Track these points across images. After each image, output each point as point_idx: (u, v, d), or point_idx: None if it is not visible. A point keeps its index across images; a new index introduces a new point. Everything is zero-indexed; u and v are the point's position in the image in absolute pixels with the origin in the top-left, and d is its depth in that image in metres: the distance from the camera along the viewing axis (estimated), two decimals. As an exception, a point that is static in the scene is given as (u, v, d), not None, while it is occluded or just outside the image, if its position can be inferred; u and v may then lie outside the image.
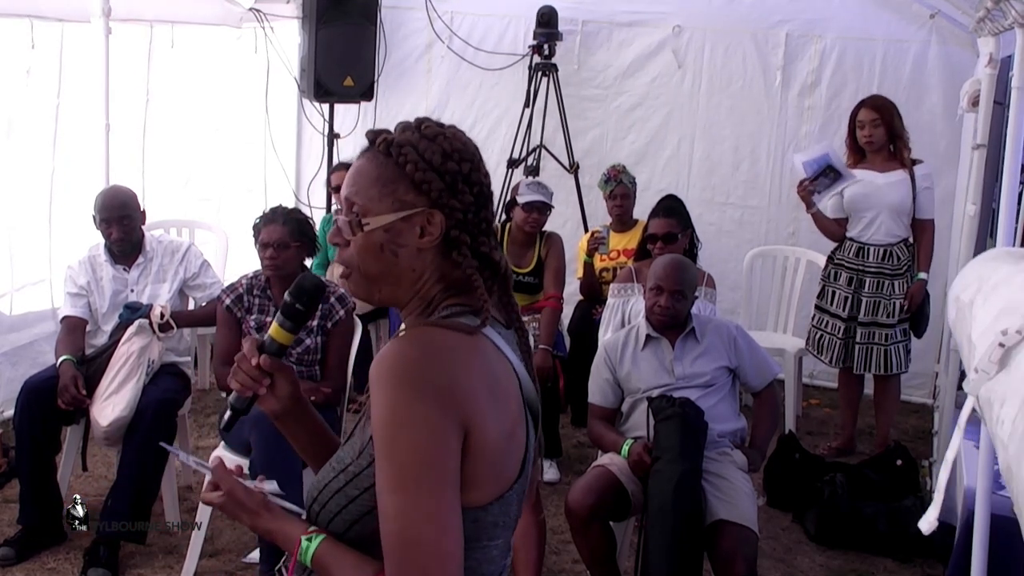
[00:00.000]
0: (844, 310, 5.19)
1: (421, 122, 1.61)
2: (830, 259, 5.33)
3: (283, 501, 1.71)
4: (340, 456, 1.61)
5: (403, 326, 1.63)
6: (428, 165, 1.55)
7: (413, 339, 1.50)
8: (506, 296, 1.67)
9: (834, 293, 5.25)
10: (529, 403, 1.61)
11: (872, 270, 5.12)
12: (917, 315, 5.13)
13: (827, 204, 5.23)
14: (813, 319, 5.41)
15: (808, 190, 5.12)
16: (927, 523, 2.36)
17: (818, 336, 5.35)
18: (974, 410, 1.89)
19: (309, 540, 1.56)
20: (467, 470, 1.46)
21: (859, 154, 5.19)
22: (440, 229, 1.55)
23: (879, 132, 5.08)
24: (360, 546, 1.54)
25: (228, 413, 1.80)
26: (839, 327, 5.22)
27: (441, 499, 1.42)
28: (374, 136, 1.61)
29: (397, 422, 1.42)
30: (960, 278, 2.29)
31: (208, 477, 1.74)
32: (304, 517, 1.65)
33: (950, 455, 2.21)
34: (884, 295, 5.10)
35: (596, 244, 5.53)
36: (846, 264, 5.20)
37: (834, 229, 5.25)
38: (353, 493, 1.54)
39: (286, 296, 1.77)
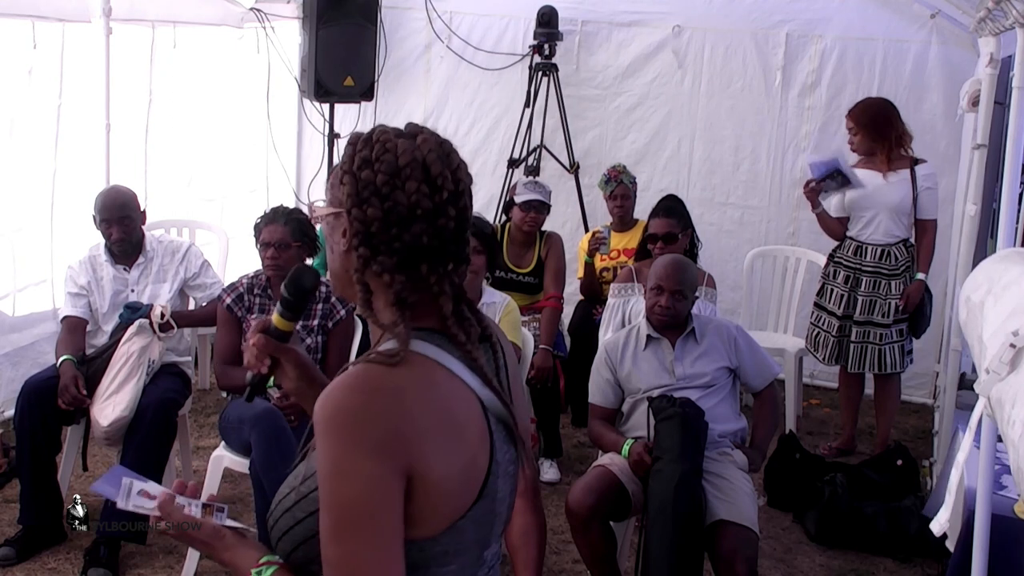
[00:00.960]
0: (840, 308, 5.19)
1: (398, 126, 1.58)
2: (830, 257, 5.34)
3: (235, 524, 1.71)
4: (297, 471, 1.58)
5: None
6: (348, 167, 1.53)
7: (356, 382, 1.45)
8: (459, 312, 1.58)
9: (832, 291, 5.26)
10: (498, 418, 1.57)
11: (869, 269, 5.12)
12: (916, 315, 5.13)
13: (830, 203, 5.24)
14: (812, 316, 5.42)
15: (814, 190, 5.12)
16: (939, 525, 2.36)
17: (815, 333, 5.36)
18: (972, 408, 1.89)
19: (259, 573, 1.53)
20: (411, 509, 1.43)
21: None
22: (347, 235, 1.53)
23: (857, 139, 5.14)
24: (305, 569, 1.52)
25: (248, 389, 1.88)
26: (834, 325, 5.22)
27: (380, 550, 1.40)
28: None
29: (337, 472, 1.39)
30: (970, 279, 2.29)
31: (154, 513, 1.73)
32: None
33: (961, 457, 2.21)
34: (880, 295, 5.09)
35: (597, 244, 5.52)
36: (844, 263, 5.21)
37: (838, 229, 5.26)
38: (299, 515, 1.51)
39: (283, 286, 1.82)
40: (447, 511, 1.48)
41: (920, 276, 5.09)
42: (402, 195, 1.49)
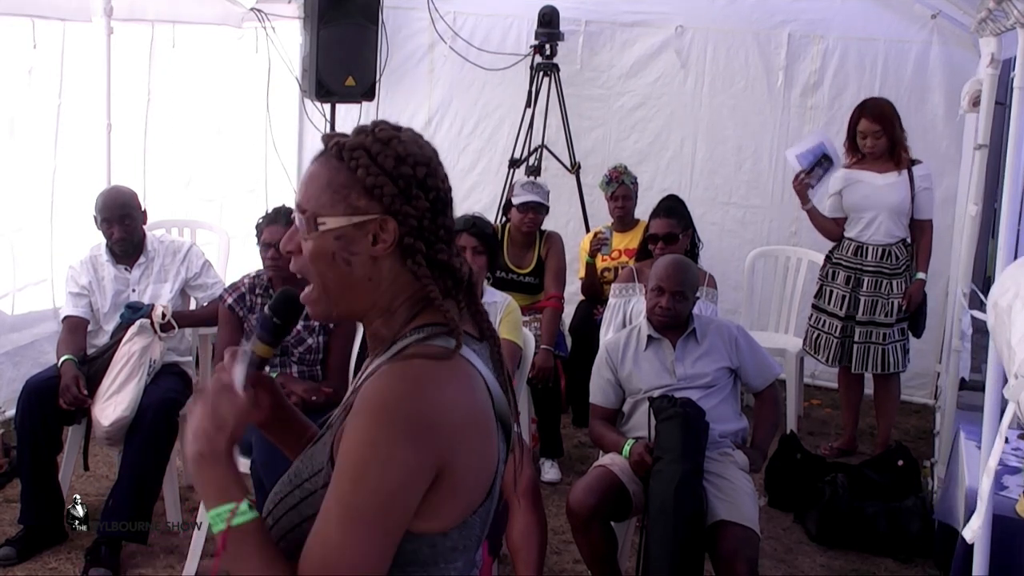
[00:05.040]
0: (842, 309, 5.18)
1: (376, 125, 1.57)
2: (828, 258, 5.33)
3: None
4: (297, 469, 1.55)
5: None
6: (380, 170, 1.51)
7: (404, 374, 1.45)
8: (474, 305, 1.62)
9: (832, 292, 5.25)
10: (501, 417, 1.57)
11: (870, 269, 5.12)
12: (915, 315, 5.14)
13: (826, 204, 5.23)
14: (811, 319, 5.40)
15: (805, 183, 5.12)
16: (971, 532, 2.35)
17: (815, 336, 5.34)
18: (973, 409, 1.89)
19: (250, 508, 1.47)
20: (432, 503, 1.43)
21: (857, 155, 5.18)
22: (394, 236, 1.51)
23: (882, 142, 5.06)
24: None
25: None
26: (836, 326, 5.21)
27: (382, 544, 1.40)
28: (328, 140, 1.57)
29: (374, 456, 1.39)
30: (998, 283, 2.28)
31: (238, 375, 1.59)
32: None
33: (992, 462, 2.20)
34: (882, 294, 5.09)
35: (599, 245, 5.48)
36: (844, 263, 5.20)
37: (831, 228, 5.26)
38: (307, 512, 1.48)
39: (265, 310, 1.73)
40: (463, 506, 1.49)
41: (920, 276, 5.10)
42: (439, 182, 1.55)
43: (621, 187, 5.59)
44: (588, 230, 6.01)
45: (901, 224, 5.12)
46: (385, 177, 1.51)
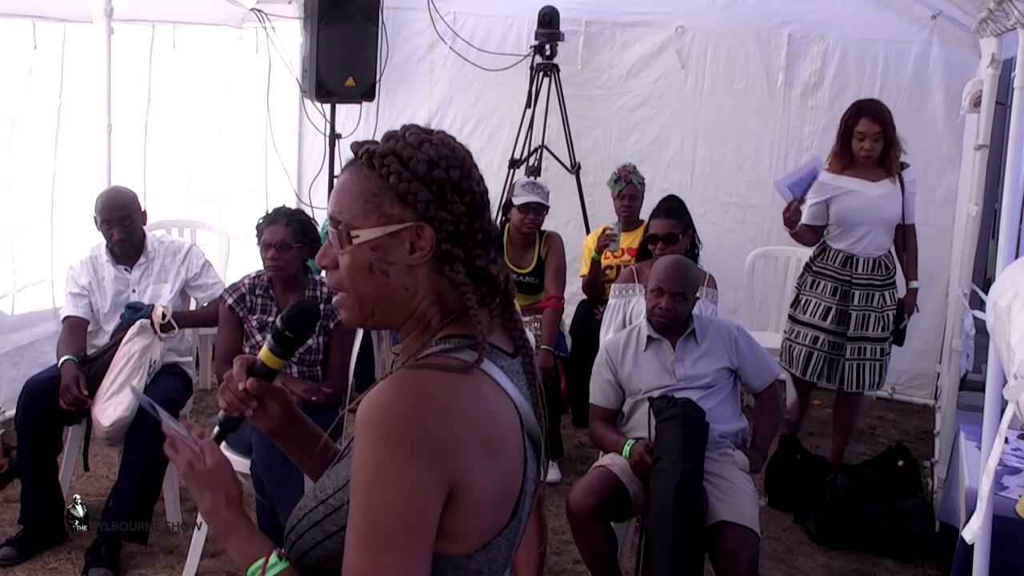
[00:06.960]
0: (826, 321, 4.85)
1: (406, 129, 1.52)
2: (808, 267, 5.00)
3: (173, 422, 1.63)
4: (323, 484, 1.51)
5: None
6: (413, 175, 1.45)
7: (405, 387, 1.38)
8: (508, 313, 1.57)
9: (811, 302, 4.91)
10: (531, 436, 1.51)
11: (861, 282, 4.81)
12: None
13: (805, 209, 4.87)
14: (785, 329, 5.09)
15: (798, 211, 4.76)
16: (970, 532, 2.35)
17: (789, 347, 5.01)
18: (973, 409, 1.88)
19: (279, 559, 1.46)
20: (451, 523, 1.38)
21: (846, 160, 4.84)
22: (431, 243, 1.46)
23: (879, 145, 4.76)
24: None
25: (217, 429, 1.74)
26: (819, 339, 4.88)
27: (408, 564, 1.34)
28: (358, 148, 1.52)
29: (380, 478, 1.33)
30: (997, 284, 2.29)
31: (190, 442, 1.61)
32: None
33: (992, 463, 2.20)
34: (875, 308, 4.82)
35: (607, 241, 5.39)
36: (830, 274, 4.88)
37: (809, 236, 4.94)
38: (331, 529, 1.45)
39: (277, 322, 1.71)
40: (485, 527, 1.43)
41: (914, 284, 4.95)
42: (474, 184, 1.50)
43: (629, 186, 5.58)
44: (588, 230, 6.01)
45: (890, 235, 4.88)
46: (418, 183, 1.45)
